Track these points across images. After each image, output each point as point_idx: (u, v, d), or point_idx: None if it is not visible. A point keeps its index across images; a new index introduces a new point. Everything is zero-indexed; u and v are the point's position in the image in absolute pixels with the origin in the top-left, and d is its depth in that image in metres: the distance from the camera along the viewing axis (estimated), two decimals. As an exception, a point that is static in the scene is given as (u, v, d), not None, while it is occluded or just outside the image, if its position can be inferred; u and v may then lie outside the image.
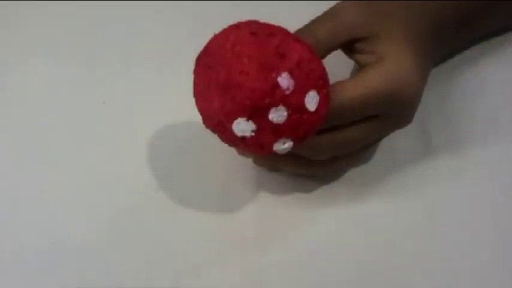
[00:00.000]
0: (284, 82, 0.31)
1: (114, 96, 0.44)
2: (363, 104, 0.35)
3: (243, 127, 0.32)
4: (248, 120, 0.32)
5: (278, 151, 0.33)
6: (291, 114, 0.32)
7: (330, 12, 0.37)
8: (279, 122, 0.32)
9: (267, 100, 0.31)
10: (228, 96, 0.31)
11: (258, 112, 0.31)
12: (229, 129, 0.32)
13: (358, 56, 0.37)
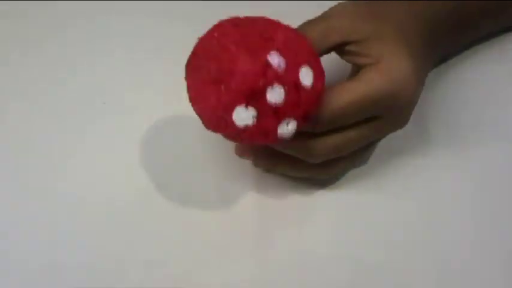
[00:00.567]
0: (274, 60, 0.31)
1: (114, 96, 0.44)
2: (363, 105, 0.35)
3: (243, 115, 0.32)
4: (247, 107, 0.31)
5: (284, 135, 0.33)
6: (288, 92, 0.32)
7: (323, 15, 0.37)
8: (277, 102, 0.31)
9: (261, 81, 0.31)
10: (222, 86, 0.31)
11: (254, 95, 0.31)
12: (231, 123, 0.32)
13: (352, 57, 0.37)
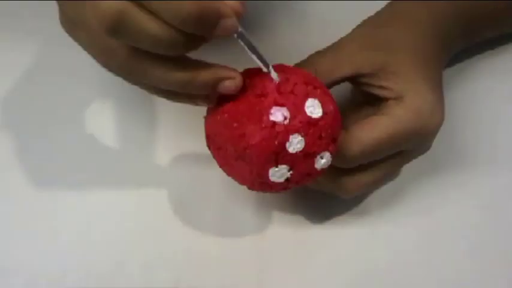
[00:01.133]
0: (278, 116, 0.31)
1: (114, 100, 0.44)
2: (394, 142, 0.34)
3: (278, 174, 0.32)
4: (277, 166, 0.32)
5: (323, 168, 0.33)
6: (305, 134, 0.31)
7: (333, 45, 0.36)
8: (298, 149, 0.31)
9: (276, 141, 0.31)
10: (247, 162, 0.32)
11: (278, 155, 0.31)
12: (272, 183, 0.32)
13: (367, 88, 0.36)
